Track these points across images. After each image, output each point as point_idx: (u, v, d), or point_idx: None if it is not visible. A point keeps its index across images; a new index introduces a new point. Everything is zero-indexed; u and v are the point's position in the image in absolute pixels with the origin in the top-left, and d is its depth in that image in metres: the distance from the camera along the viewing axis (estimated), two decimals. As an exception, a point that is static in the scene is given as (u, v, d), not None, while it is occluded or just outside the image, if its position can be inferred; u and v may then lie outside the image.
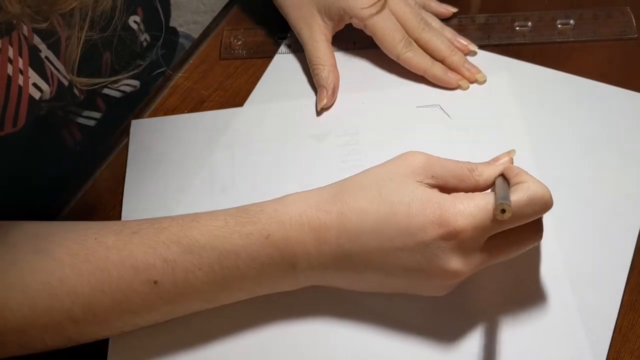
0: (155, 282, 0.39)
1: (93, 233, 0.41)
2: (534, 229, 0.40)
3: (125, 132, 0.56)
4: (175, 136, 0.54)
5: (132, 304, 0.40)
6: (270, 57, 0.60)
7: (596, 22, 0.59)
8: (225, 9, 0.65)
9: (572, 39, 0.58)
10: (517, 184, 0.39)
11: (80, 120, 0.58)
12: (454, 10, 0.60)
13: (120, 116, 0.58)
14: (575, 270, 0.45)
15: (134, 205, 0.51)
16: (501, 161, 0.44)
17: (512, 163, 0.44)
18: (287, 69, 0.59)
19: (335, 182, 0.43)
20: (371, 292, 0.43)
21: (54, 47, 0.48)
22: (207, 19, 0.64)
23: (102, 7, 0.40)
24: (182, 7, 0.53)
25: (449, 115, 0.54)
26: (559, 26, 0.59)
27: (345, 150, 0.53)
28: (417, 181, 0.40)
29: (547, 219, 0.47)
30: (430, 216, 0.38)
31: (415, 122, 0.54)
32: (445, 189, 0.40)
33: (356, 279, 0.42)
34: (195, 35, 0.64)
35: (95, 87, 0.47)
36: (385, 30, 0.55)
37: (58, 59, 0.49)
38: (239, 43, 0.61)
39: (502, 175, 0.42)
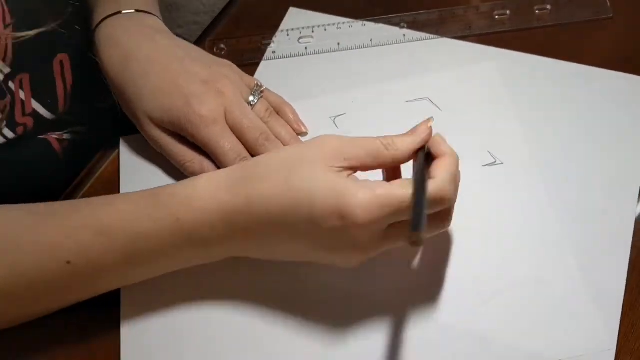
0: (69, 262, 0.40)
1: (16, 211, 0.42)
2: (440, 218, 0.40)
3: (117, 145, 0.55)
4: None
5: (46, 283, 0.41)
6: (256, 64, 0.60)
7: (572, 4, 0.60)
8: (221, 15, 0.65)
9: (550, 24, 0.59)
10: (439, 157, 0.40)
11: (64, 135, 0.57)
12: (305, 131, 0.54)
13: (108, 127, 0.57)
14: (578, 253, 0.45)
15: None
16: (419, 132, 0.42)
17: (431, 132, 0.42)
18: (273, 75, 0.59)
19: (248, 161, 0.43)
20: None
21: None
22: (207, 20, 0.63)
23: None
24: (182, 8, 0.53)
25: (438, 107, 0.54)
26: (537, 12, 0.60)
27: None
28: (328, 166, 0.39)
29: (548, 216, 0.48)
30: (331, 206, 0.37)
31: (405, 116, 0.53)
32: (363, 168, 0.40)
33: (268, 254, 0.43)
34: (195, 37, 0.64)
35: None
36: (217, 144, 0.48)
37: None
38: (222, 54, 0.61)
39: (424, 148, 0.41)
